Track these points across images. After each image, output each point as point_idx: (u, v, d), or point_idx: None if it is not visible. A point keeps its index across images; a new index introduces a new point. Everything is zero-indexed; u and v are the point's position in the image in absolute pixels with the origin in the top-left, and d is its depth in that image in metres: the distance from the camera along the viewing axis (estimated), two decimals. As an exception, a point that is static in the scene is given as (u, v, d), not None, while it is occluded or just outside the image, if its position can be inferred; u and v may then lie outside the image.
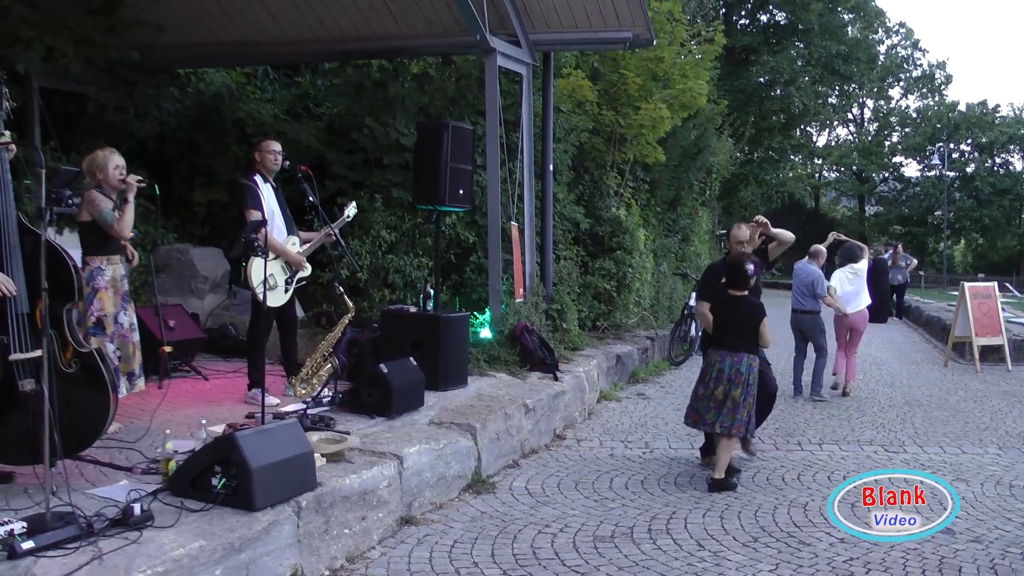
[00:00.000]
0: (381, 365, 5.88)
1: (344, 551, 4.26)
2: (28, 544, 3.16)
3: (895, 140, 48.24)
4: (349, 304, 6.43)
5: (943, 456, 6.71)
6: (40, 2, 8.28)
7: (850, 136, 49.89)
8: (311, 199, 6.25)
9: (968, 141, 44.89)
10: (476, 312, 8.30)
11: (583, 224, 10.92)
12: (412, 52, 9.65)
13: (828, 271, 9.59)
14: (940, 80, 48.04)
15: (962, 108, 46.21)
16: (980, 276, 33.11)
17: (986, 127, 43.97)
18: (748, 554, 4.54)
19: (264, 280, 5.52)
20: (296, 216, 6.62)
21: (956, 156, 44.78)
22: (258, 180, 6.12)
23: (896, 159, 48.04)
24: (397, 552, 4.45)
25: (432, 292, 7.33)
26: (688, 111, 12.83)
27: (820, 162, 49.31)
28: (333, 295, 6.66)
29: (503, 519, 5.02)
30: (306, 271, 6.37)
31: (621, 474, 6.03)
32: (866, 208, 49.90)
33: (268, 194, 6.15)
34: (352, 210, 6.59)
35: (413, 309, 7.34)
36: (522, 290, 8.64)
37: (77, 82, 9.13)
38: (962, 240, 48.88)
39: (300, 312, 7.95)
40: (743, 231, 6.30)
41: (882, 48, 45.61)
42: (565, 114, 10.72)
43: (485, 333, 8.04)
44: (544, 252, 9.30)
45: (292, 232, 6.32)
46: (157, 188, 5.43)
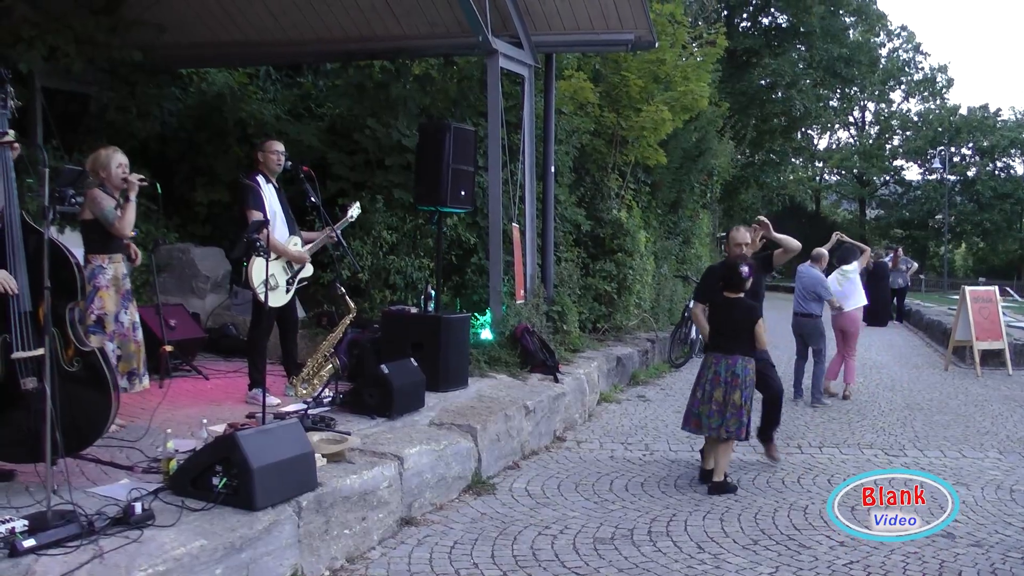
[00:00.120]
0: (382, 366, 5.89)
1: (344, 551, 4.26)
2: (29, 542, 3.17)
3: (896, 143, 48.23)
4: (350, 305, 6.43)
5: (943, 460, 6.71)
6: (42, 2, 8.30)
7: (851, 139, 49.94)
8: (313, 200, 6.25)
9: (969, 145, 44.85)
10: (477, 313, 8.30)
11: (584, 226, 10.92)
12: (414, 53, 9.65)
13: (829, 273, 9.60)
14: (941, 84, 48.07)
15: (963, 112, 46.20)
16: (981, 280, 33.11)
17: (987, 131, 43.93)
18: (748, 557, 4.54)
19: (265, 280, 5.52)
20: (297, 217, 6.62)
21: (957, 160, 44.77)
22: (260, 180, 6.12)
23: (897, 162, 48.04)
24: (397, 553, 4.45)
25: (433, 293, 7.33)
26: (689, 113, 12.83)
27: (821, 165, 49.29)
28: (334, 295, 6.67)
29: (503, 520, 5.02)
30: (307, 271, 6.38)
31: (621, 476, 6.03)
32: (867, 211, 49.89)
33: (270, 194, 6.16)
34: (355, 211, 6.60)
35: (414, 310, 7.34)
36: (523, 291, 8.65)
37: (79, 82, 9.16)
38: (963, 244, 48.86)
39: (301, 312, 7.95)
40: (742, 233, 6.30)
41: (883, 51, 45.60)
42: (567, 116, 10.73)
43: (486, 334, 8.05)
44: (545, 254, 9.31)
45: (294, 232, 6.32)
46: (159, 187, 5.43)
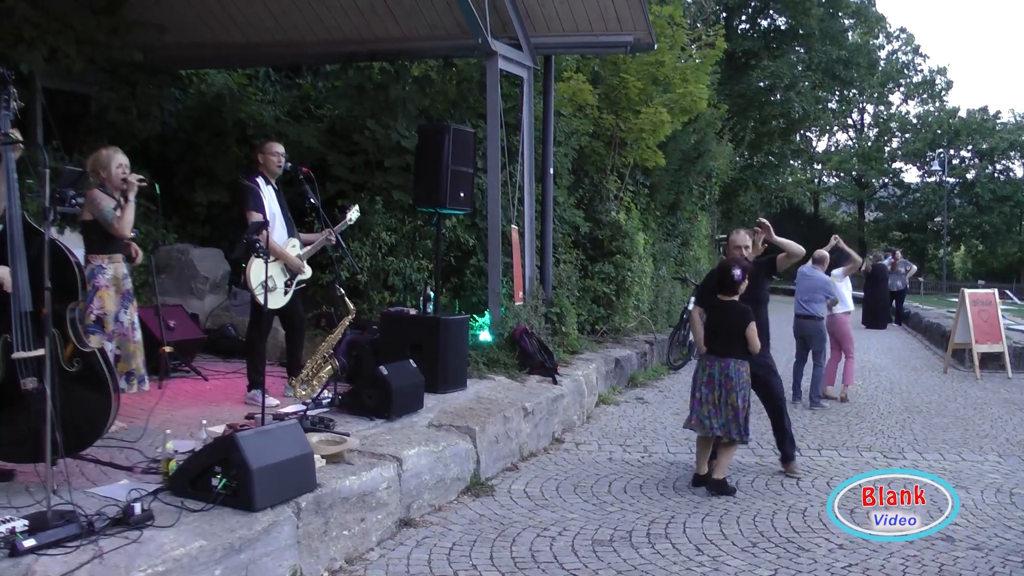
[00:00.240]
0: (381, 367, 5.88)
1: (343, 552, 4.26)
2: (30, 542, 3.18)
3: (895, 146, 48.23)
4: (349, 306, 6.44)
5: (943, 463, 6.71)
6: (43, 2, 8.30)
7: (850, 141, 49.94)
8: (312, 201, 6.25)
9: (968, 147, 44.85)
10: (476, 315, 8.30)
11: (583, 228, 10.93)
12: (413, 55, 9.66)
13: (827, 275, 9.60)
14: (940, 86, 48.09)
15: (963, 114, 46.18)
16: (980, 283, 33.16)
17: (987, 133, 43.94)
18: (747, 559, 4.54)
19: (264, 282, 5.53)
20: (297, 218, 6.63)
21: (956, 162, 44.78)
22: (260, 182, 6.13)
23: (896, 165, 48.04)
24: (396, 554, 4.45)
25: (432, 294, 7.34)
26: (688, 115, 12.85)
27: (820, 167, 49.31)
28: (333, 297, 6.67)
29: (502, 522, 5.02)
30: (306, 274, 6.38)
31: (620, 478, 6.03)
32: (866, 214, 49.90)
33: (269, 196, 6.17)
34: (354, 214, 6.60)
35: (413, 311, 7.35)
36: (522, 293, 8.65)
37: (79, 82, 9.16)
38: (962, 246, 48.88)
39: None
40: (743, 236, 6.29)
41: (882, 53, 45.65)
42: (566, 118, 10.75)
43: (484, 336, 8.05)
44: (544, 255, 9.32)
45: (293, 234, 6.33)
46: (158, 188, 5.43)
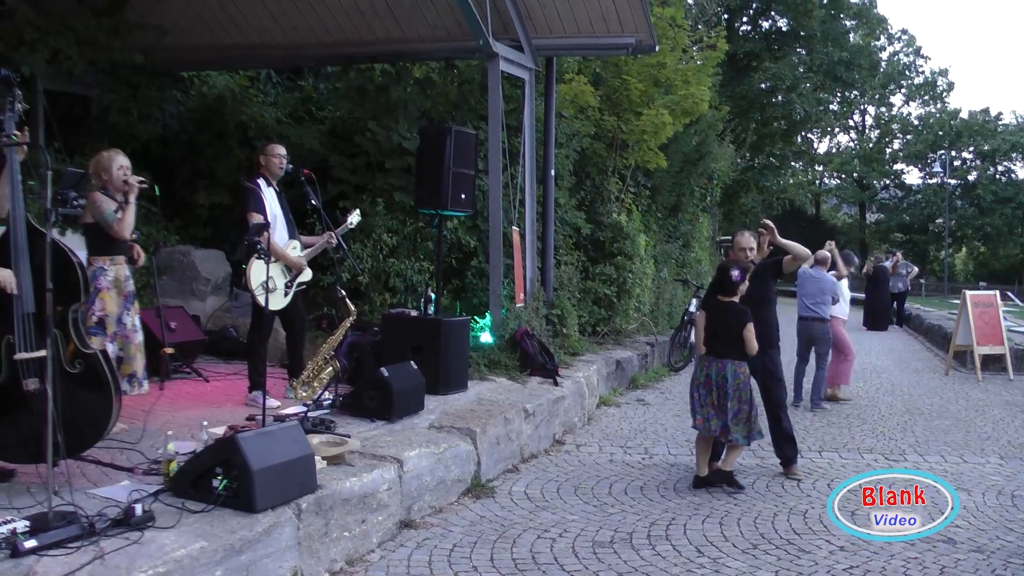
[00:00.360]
0: (382, 369, 5.89)
1: (344, 554, 4.26)
2: (31, 543, 3.18)
3: (896, 147, 48.20)
4: (350, 307, 6.44)
5: (944, 465, 6.70)
6: (45, 5, 8.32)
7: (851, 143, 49.90)
8: (313, 203, 6.26)
9: (970, 149, 44.86)
10: (477, 316, 8.31)
11: (584, 229, 10.93)
12: (415, 56, 9.67)
13: None
14: (942, 87, 48.05)
15: (964, 115, 46.19)
16: (981, 284, 33.14)
17: (988, 135, 43.92)
18: (747, 561, 4.54)
19: (264, 283, 5.53)
20: (298, 219, 6.63)
21: (958, 164, 44.78)
22: (261, 184, 6.14)
23: (897, 166, 48.02)
24: (396, 555, 4.45)
25: (433, 296, 7.34)
26: (690, 117, 12.85)
27: (821, 169, 49.27)
28: (334, 298, 6.67)
29: (502, 524, 5.02)
30: (307, 275, 6.38)
31: (620, 480, 6.03)
32: (867, 215, 49.88)
33: (271, 198, 6.17)
34: (355, 218, 6.59)
35: (414, 313, 7.35)
36: (523, 295, 8.65)
37: (81, 84, 9.18)
38: (963, 248, 48.86)
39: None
40: (747, 238, 6.29)
41: (884, 55, 45.61)
42: (567, 119, 10.75)
43: (486, 337, 8.05)
44: (545, 257, 9.32)
45: (294, 236, 6.33)
46: (158, 190, 5.44)
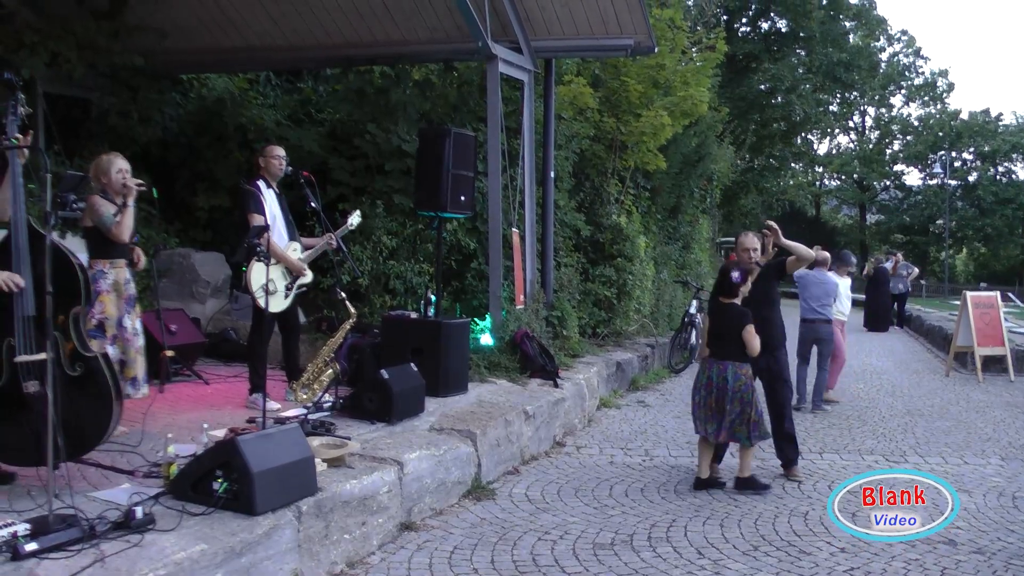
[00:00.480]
0: (382, 371, 5.89)
1: (344, 556, 4.26)
2: (31, 546, 3.18)
3: (896, 148, 48.22)
4: (350, 310, 6.44)
5: (945, 466, 6.70)
6: (44, 7, 8.33)
7: (851, 144, 49.92)
8: (313, 205, 6.26)
9: (970, 149, 44.89)
10: (477, 318, 8.31)
11: (584, 231, 10.93)
12: (414, 58, 9.67)
13: None
14: (942, 88, 48.07)
15: (964, 116, 46.22)
16: (982, 285, 33.18)
17: (988, 135, 43.94)
18: (748, 563, 4.54)
19: (265, 285, 5.53)
20: (297, 222, 6.63)
21: (958, 164, 44.80)
22: (261, 186, 6.14)
23: (897, 167, 48.03)
24: (397, 558, 4.45)
25: (433, 298, 7.34)
26: (689, 118, 12.85)
27: (821, 170, 49.30)
28: (334, 300, 6.68)
29: (503, 526, 5.02)
30: (307, 277, 6.39)
31: (621, 481, 6.03)
32: (867, 216, 49.87)
33: (271, 200, 6.17)
34: (356, 219, 6.60)
35: (414, 315, 7.35)
36: (523, 297, 8.65)
37: (81, 87, 9.19)
38: (964, 249, 48.87)
39: (301, 317, 7.95)
40: (751, 239, 6.28)
41: (884, 56, 45.62)
42: (566, 121, 10.75)
43: (486, 339, 8.05)
44: (545, 259, 9.31)
45: (294, 238, 6.33)
46: (156, 192, 5.44)
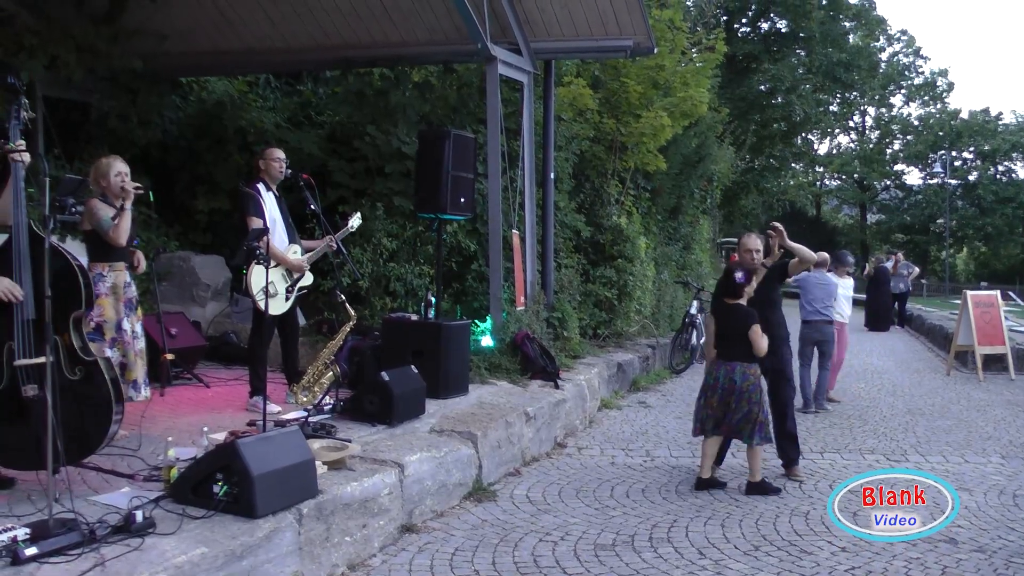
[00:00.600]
0: (382, 373, 5.88)
1: (345, 558, 4.26)
2: (31, 550, 3.17)
3: (897, 148, 48.15)
4: (350, 312, 6.44)
5: (946, 465, 6.69)
6: (43, 11, 8.33)
7: (851, 144, 49.86)
8: (313, 207, 6.26)
9: (970, 149, 44.82)
10: (477, 320, 8.31)
11: (584, 232, 10.93)
12: (413, 60, 9.68)
13: None
14: (942, 88, 47.99)
15: (964, 116, 46.13)
16: (983, 285, 33.17)
17: (989, 135, 43.87)
18: (749, 563, 4.53)
19: (265, 288, 5.53)
20: (297, 224, 6.63)
21: (958, 164, 44.77)
22: (260, 188, 6.14)
23: (898, 167, 47.97)
24: (398, 560, 4.45)
25: (433, 300, 7.34)
26: (689, 119, 12.85)
27: (821, 170, 49.26)
28: (335, 303, 6.68)
29: (504, 527, 5.02)
30: (307, 279, 6.39)
31: (622, 482, 6.03)
32: (868, 216, 49.83)
33: (270, 202, 6.17)
34: (356, 221, 6.60)
35: (414, 317, 7.35)
36: (523, 298, 8.65)
37: (80, 91, 9.19)
38: (964, 248, 48.84)
39: (301, 320, 7.96)
40: (754, 240, 6.27)
41: (883, 56, 45.52)
42: (566, 122, 10.75)
43: (486, 341, 8.05)
44: (545, 260, 9.31)
45: (294, 241, 6.33)
46: (152, 195, 5.44)
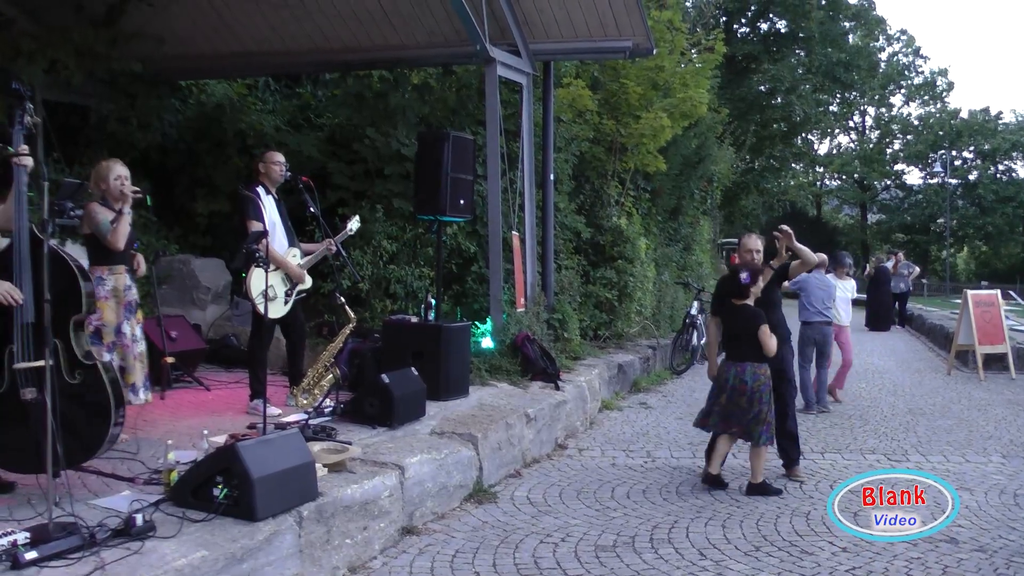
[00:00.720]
0: (383, 375, 5.88)
1: (346, 561, 4.26)
2: (31, 554, 3.17)
3: (897, 148, 48.11)
4: (350, 314, 6.44)
5: (946, 465, 6.69)
6: (42, 15, 8.34)
7: (852, 144, 49.84)
8: (312, 210, 6.26)
9: (971, 148, 44.78)
10: (477, 322, 8.31)
11: (584, 233, 10.93)
12: (412, 62, 9.69)
13: None
14: (942, 87, 47.99)
15: (964, 115, 46.11)
16: (983, 284, 33.12)
17: (989, 134, 43.84)
18: (750, 563, 4.53)
19: (264, 291, 5.53)
20: (297, 227, 6.63)
21: (958, 163, 44.74)
22: (260, 191, 6.14)
23: (898, 167, 47.91)
24: (399, 562, 4.44)
25: (433, 302, 7.34)
26: (689, 120, 12.84)
27: (822, 170, 49.24)
28: (335, 305, 6.68)
29: (505, 529, 5.01)
30: (307, 283, 6.38)
31: (623, 483, 6.02)
32: (868, 216, 49.79)
33: (270, 205, 6.17)
34: (355, 224, 6.60)
35: (414, 319, 7.35)
36: (523, 300, 8.65)
37: (79, 94, 9.19)
38: (965, 248, 48.81)
39: (302, 322, 7.95)
40: (753, 240, 6.26)
41: (883, 56, 45.50)
42: (566, 123, 10.75)
43: (486, 343, 8.04)
44: (545, 262, 9.31)
45: (293, 243, 6.33)
46: (149, 199, 5.45)
